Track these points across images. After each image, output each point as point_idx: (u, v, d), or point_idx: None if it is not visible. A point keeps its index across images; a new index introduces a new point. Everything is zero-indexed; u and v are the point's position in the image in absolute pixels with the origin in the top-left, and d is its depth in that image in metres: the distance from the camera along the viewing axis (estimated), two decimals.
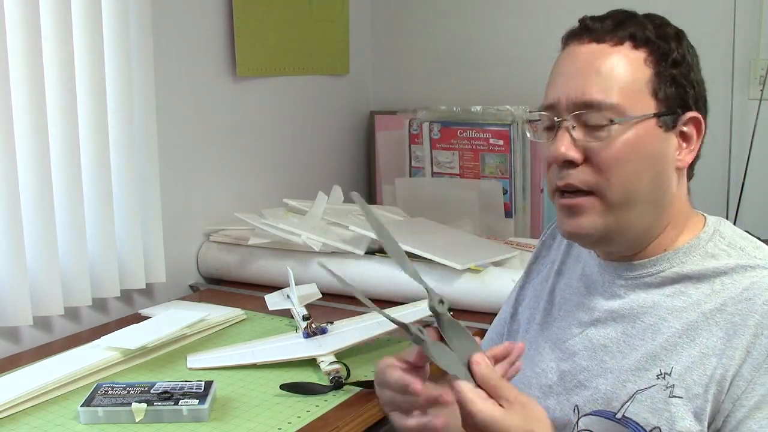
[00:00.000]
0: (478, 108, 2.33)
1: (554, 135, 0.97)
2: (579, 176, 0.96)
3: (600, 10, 1.02)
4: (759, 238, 1.05)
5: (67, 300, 1.70)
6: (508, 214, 2.26)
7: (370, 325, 1.54)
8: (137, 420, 1.24)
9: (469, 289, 1.74)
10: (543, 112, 0.99)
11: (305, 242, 1.89)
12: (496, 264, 1.80)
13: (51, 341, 1.69)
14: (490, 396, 0.84)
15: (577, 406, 1.02)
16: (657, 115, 0.95)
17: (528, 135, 1.07)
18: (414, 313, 1.59)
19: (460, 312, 1.73)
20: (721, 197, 2.27)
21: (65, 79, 1.65)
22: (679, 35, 1.00)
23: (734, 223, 2.27)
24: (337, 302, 1.83)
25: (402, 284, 1.81)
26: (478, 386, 0.85)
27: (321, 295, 1.76)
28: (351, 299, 1.86)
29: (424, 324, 0.91)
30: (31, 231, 1.61)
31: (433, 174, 2.40)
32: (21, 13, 1.56)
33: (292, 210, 2.17)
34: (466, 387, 0.84)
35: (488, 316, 1.71)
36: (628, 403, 0.96)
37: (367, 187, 2.76)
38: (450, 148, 2.36)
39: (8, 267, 1.57)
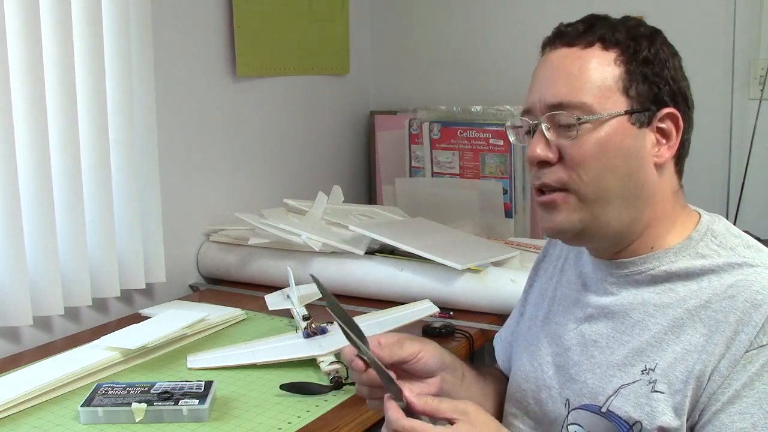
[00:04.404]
0: (478, 108, 2.33)
1: (532, 137, 1.01)
2: (553, 175, 0.98)
3: (600, 12, 1.02)
4: (759, 239, 1.05)
5: (67, 300, 1.70)
6: (508, 214, 2.27)
7: (370, 325, 1.54)
8: (137, 420, 1.24)
9: (469, 289, 1.74)
10: (523, 117, 1.03)
11: (305, 242, 1.89)
12: (496, 264, 1.80)
13: (51, 341, 1.69)
14: (433, 418, 0.91)
15: (568, 399, 1.03)
16: (628, 113, 0.97)
17: (511, 139, 1.12)
18: (414, 312, 1.59)
19: (460, 312, 1.73)
20: (721, 197, 2.27)
21: (65, 79, 1.65)
22: (653, 35, 1.01)
23: (734, 223, 2.27)
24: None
25: (402, 284, 1.81)
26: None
27: (321, 295, 1.75)
28: (351, 299, 1.86)
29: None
30: (31, 231, 1.61)
31: (433, 174, 2.40)
32: (21, 13, 1.56)
33: (292, 210, 2.17)
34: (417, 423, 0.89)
35: (488, 316, 1.72)
36: (613, 397, 0.97)
37: (367, 187, 2.76)
38: (450, 148, 2.36)
39: (8, 267, 1.57)
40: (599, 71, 0.97)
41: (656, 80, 0.98)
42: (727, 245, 0.99)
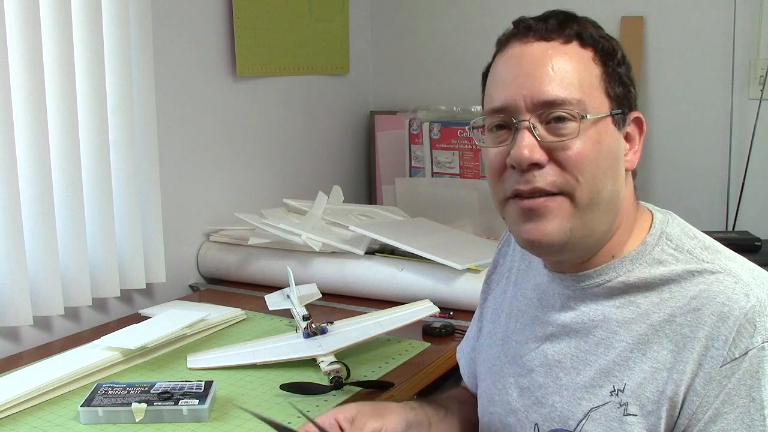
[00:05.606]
0: (478, 108, 2.32)
1: (512, 138, 0.92)
2: (546, 178, 0.90)
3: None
4: (759, 239, 1.04)
5: (67, 300, 1.70)
6: None
7: (370, 325, 1.54)
8: (137, 420, 1.24)
9: (469, 289, 1.74)
10: (495, 115, 0.95)
11: (305, 242, 1.89)
12: None
13: (51, 341, 1.69)
14: None
15: (536, 424, 0.99)
16: (612, 114, 0.93)
17: (477, 142, 1.01)
18: (414, 312, 1.59)
19: (460, 312, 1.73)
20: (721, 197, 2.27)
21: (65, 79, 1.65)
22: (612, 36, 0.97)
23: (734, 223, 2.26)
24: (337, 302, 1.83)
25: (402, 284, 1.82)
26: None
27: (321, 295, 1.76)
28: (351, 299, 1.86)
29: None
30: (31, 231, 1.61)
31: (433, 174, 2.40)
32: (21, 13, 1.56)
33: (292, 210, 2.17)
34: None
35: None
36: (584, 422, 0.94)
37: (367, 187, 2.76)
38: (450, 148, 2.36)
39: (8, 267, 1.57)
40: (584, 69, 0.92)
41: (627, 82, 0.95)
42: (683, 248, 0.95)
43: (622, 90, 0.94)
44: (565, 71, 0.91)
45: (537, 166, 0.90)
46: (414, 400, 1.13)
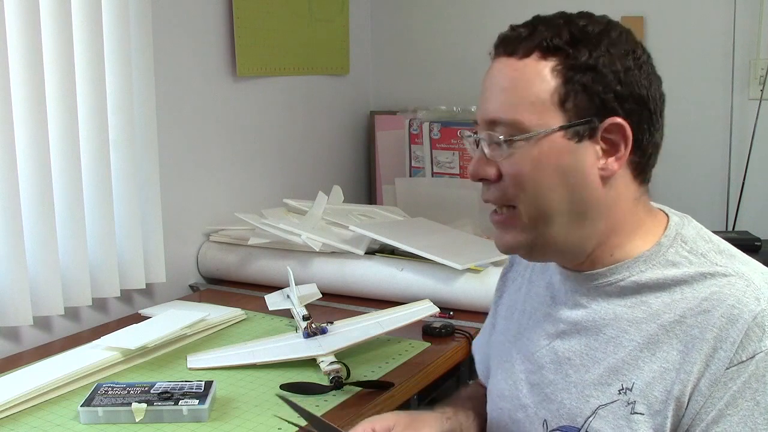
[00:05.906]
0: None
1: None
2: (494, 193, 0.97)
3: (603, 12, 1.01)
4: (759, 239, 1.04)
5: (67, 300, 1.70)
6: None
7: (370, 325, 1.54)
8: (137, 420, 1.24)
9: (469, 289, 1.74)
10: (473, 128, 1.01)
11: (305, 242, 1.89)
12: (496, 264, 1.80)
13: (51, 341, 1.69)
14: None
15: (545, 420, 1.00)
16: (563, 128, 0.91)
17: (467, 148, 1.09)
18: (414, 312, 1.59)
19: (460, 312, 1.73)
20: (721, 197, 2.27)
21: (65, 79, 1.65)
22: (600, 36, 0.93)
23: (734, 223, 2.26)
24: (337, 302, 1.83)
25: (402, 284, 1.82)
26: None
27: (321, 295, 1.76)
28: (351, 299, 1.86)
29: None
30: (31, 231, 1.61)
31: (433, 174, 2.40)
32: (21, 13, 1.56)
33: (292, 210, 2.17)
34: None
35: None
36: (591, 419, 0.94)
37: (367, 187, 2.76)
38: (450, 148, 2.36)
39: (8, 267, 1.57)
40: (533, 85, 0.91)
41: (598, 89, 0.91)
42: (698, 251, 0.95)
43: (587, 99, 0.91)
44: (509, 91, 0.94)
45: (487, 180, 0.97)
46: (448, 408, 1.14)
